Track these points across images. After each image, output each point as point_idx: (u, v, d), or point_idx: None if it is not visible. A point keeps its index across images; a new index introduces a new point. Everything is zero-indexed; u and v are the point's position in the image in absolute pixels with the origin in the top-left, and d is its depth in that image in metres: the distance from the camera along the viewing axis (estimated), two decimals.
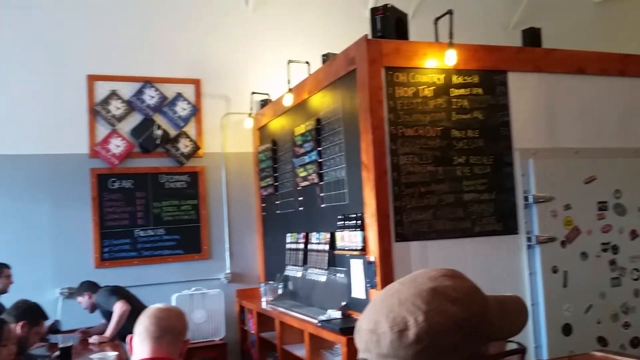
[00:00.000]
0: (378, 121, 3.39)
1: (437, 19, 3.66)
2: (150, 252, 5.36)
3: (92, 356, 3.61)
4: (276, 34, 5.77)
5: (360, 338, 0.84)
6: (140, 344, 1.87)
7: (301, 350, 3.99)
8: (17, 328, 3.05)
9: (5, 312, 3.28)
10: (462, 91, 3.63)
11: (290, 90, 4.51)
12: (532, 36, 4.11)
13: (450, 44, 3.51)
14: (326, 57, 4.18)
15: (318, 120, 4.15)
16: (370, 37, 3.52)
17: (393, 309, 0.82)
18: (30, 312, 3.19)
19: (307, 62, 4.55)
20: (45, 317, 3.37)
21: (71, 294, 4.91)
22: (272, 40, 5.73)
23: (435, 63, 3.56)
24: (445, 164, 3.53)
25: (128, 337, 1.91)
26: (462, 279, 0.87)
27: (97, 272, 5.07)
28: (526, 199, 3.68)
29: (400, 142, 3.44)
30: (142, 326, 1.88)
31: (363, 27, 3.81)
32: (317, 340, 3.76)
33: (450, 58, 3.50)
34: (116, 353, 3.68)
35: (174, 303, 4.92)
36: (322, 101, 4.12)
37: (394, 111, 3.45)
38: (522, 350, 0.87)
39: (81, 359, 3.82)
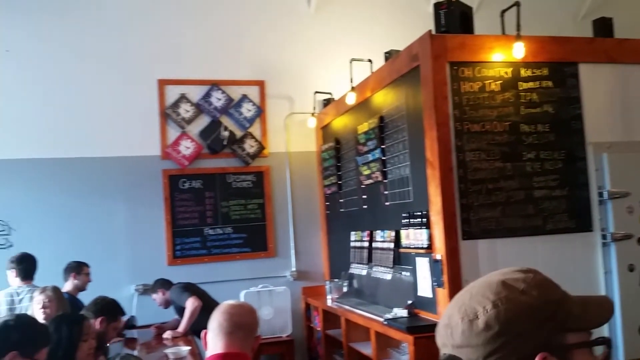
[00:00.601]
0: (443, 117, 3.34)
1: (504, 11, 3.57)
2: (219, 250, 5.51)
3: (167, 350, 3.76)
4: (338, 33, 5.80)
5: (439, 335, 0.87)
6: (214, 339, 1.94)
7: (367, 348, 4.00)
8: (96, 323, 3.20)
9: (85, 308, 3.44)
10: (531, 84, 3.52)
11: (353, 88, 4.52)
12: (603, 26, 3.94)
13: (518, 37, 3.41)
14: (389, 55, 4.16)
15: (381, 118, 4.14)
16: (434, 32, 3.48)
17: (464, 302, 0.85)
18: (109, 308, 3.34)
19: (369, 60, 4.54)
20: (122, 313, 3.53)
21: (146, 290, 5.13)
22: (334, 40, 5.76)
23: (502, 56, 3.48)
24: (514, 159, 3.44)
25: (203, 332, 1.98)
26: (535, 273, 0.88)
27: (169, 269, 5.26)
28: (600, 194, 3.54)
29: (466, 138, 3.38)
30: (216, 322, 1.94)
31: (426, 23, 3.76)
32: (383, 339, 3.76)
33: (518, 51, 3.41)
34: (189, 348, 3.81)
35: (242, 300, 5.04)
36: (385, 99, 4.11)
37: (459, 107, 3.39)
38: (606, 341, 0.85)
39: (156, 353, 3.99)
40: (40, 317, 3.09)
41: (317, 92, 5.55)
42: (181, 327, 4.38)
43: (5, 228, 5.01)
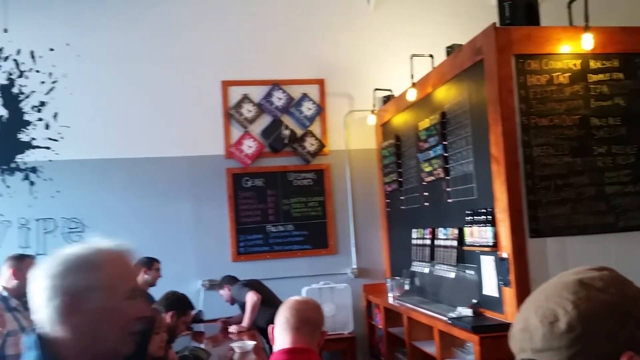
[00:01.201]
0: (508, 112, 3.27)
1: (571, 1, 3.45)
2: (280, 247, 5.60)
3: (233, 344, 3.85)
4: (398, 29, 5.76)
5: (515, 340, 0.85)
6: (281, 333, 1.98)
7: (431, 347, 3.96)
8: (167, 317, 3.31)
9: (156, 303, 3.56)
10: (601, 76, 3.39)
11: (413, 84, 4.48)
12: None
13: (586, 28, 3.29)
14: (451, 49, 4.09)
15: (443, 114, 4.08)
16: (498, 25, 3.40)
17: (541, 305, 0.83)
18: (179, 303, 3.45)
19: (430, 56, 4.49)
20: (191, 308, 3.63)
21: (212, 285, 5.28)
22: (394, 36, 5.73)
23: (570, 48, 3.36)
24: (584, 154, 3.32)
25: (270, 327, 2.03)
26: (610, 271, 0.86)
27: (234, 265, 5.39)
28: None
29: (533, 132, 3.29)
30: (283, 317, 1.98)
31: (489, 16, 3.67)
32: (447, 338, 3.71)
33: (587, 42, 3.29)
34: (254, 342, 3.89)
35: (304, 296, 5.09)
36: (447, 94, 4.05)
37: (525, 101, 3.31)
38: None
39: (222, 347, 4.09)
40: None
41: (376, 89, 5.53)
42: (245, 322, 4.48)
43: (80, 226, 5.27)
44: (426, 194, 4.48)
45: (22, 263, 3.05)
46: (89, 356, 1.12)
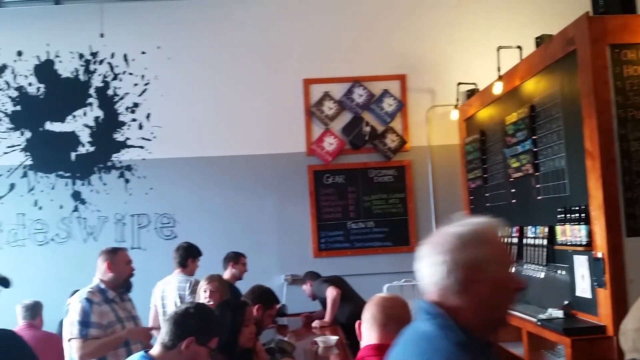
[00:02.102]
0: (604, 104, 3.10)
1: None
2: (361, 244, 5.61)
3: (316, 339, 3.91)
4: (484, 21, 5.61)
5: (627, 339, 0.82)
6: (368, 330, 1.98)
7: (518, 349, 3.84)
8: (253, 310, 3.39)
9: (243, 296, 3.67)
10: None
11: (500, 77, 4.34)
12: None
13: None
14: (540, 40, 3.93)
15: (532, 107, 3.93)
16: (591, 14, 3.24)
17: None
18: (265, 296, 3.53)
19: (518, 47, 4.34)
20: (277, 301, 3.70)
21: (294, 280, 5.37)
22: (479, 29, 5.58)
23: None
24: None
25: (357, 323, 2.03)
26: None
27: (315, 261, 5.46)
28: None
29: (630, 126, 3.11)
30: (369, 313, 1.98)
31: (581, 4, 3.51)
32: (536, 340, 3.58)
33: None
34: (337, 337, 3.93)
35: (384, 292, 5.07)
36: (536, 87, 3.89)
37: (622, 92, 3.13)
38: None
39: (305, 340, 4.15)
40: (205, 303, 3.35)
41: (460, 83, 5.41)
42: (327, 317, 4.52)
43: (171, 221, 5.52)
44: (513, 190, 4.34)
45: (115, 256, 3.18)
46: (485, 323, 1.20)
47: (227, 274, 4.54)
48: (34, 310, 4.16)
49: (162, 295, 4.18)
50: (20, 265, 5.38)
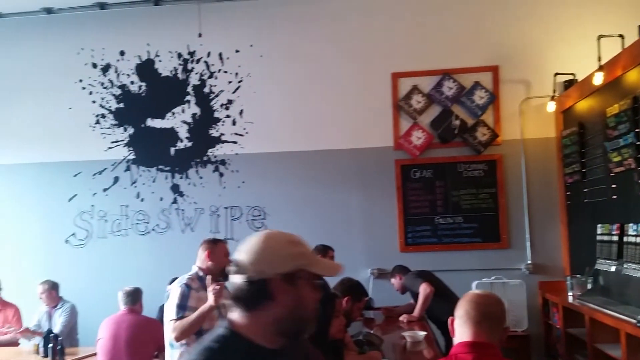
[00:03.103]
0: None
1: None
2: (449, 239, 5.53)
3: (404, 333, 3.91)
4: (583, 9, 5.33)
5: None
6: (461, 326, 1.97)
7: (616, 351, 3.67)
8: (343, 302, 3.45)
9: (333, 288, 3.73)
10: None
11: (600, 67, 4.13)
12: None
13: None
14: None
15: (635, 99, 3.72)
16: None
17: None
18: (354, 289, 3.58)
19: (620, 36, 4.10)
20: (365, 294, 3.75)
21: (380, 274, 5.39)
22: (577, 16, 5.32)
23: None
24: None
25: (449, 319, 2.03)
26: None
27: (401, 256, 5.44)
28: None
29: None
30: (463, 310, 1.97)
31: None
32: (636, 342, 3.40)
33: None
34: (425, 333, 3.91)
35: (474, 290, 4.98)
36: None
37: None
38: None
39: (392, 334, 4.17)
40: None
41: (557, 73, 5.18)
42: (416, 312, 4.51)
43: (262, 213, 5.70)
44: (614, 186, 4.12)
45: (216, 246, 3.36)
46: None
47: None
48: (134, 297, 4.42)
49: None
50: (123, 253, 5.78)
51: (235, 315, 1.31)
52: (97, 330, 4.34)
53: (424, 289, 4.47)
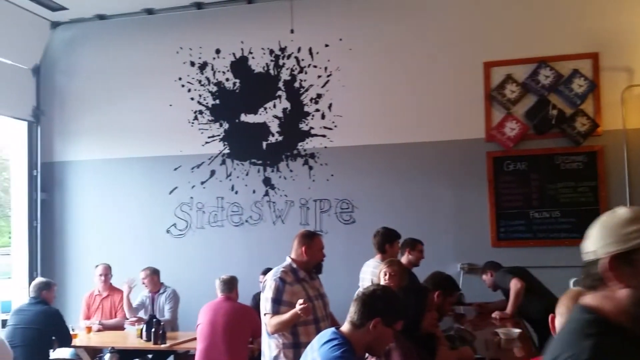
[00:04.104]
0: None
1: None
2: (545, 235, 5.33)
3: (498, 330, 3.83)
4: None
5: None
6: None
7: None
8: (434, 296, 3.42)
9: (423, 282, 3.71)
10: None
11: None
12: None
13: None
14: None
15: None
16: None
17: None
18: (446, 283, 3.54)
19: None
20: (457, 289, 3.70)
21: (470, 269, 5.29)
22: None
23: None
24: None
25: (550, 316, 1.98)
26: None
27: (493, 251, 5.31)
28: None
29: None
30: (565, 307, 1.91)
31: None
32: None
33: None
34: (519, 330, 3.81)
35: (571, 288, 4.77)
36: None
37: None
38: None
39: (483, 331, 4.09)
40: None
41: None
42: (509, 309, 4.39)
43: (350, 206, 5.76)
44: None
45: (312, 241, 3.41)
46: None
47: (403, 260, 4.57)
48: (230, 284, 4.62)
49: (361, 277, 4.39)
50: (219, 243, 6.04)
51: (589, 298, 1.25)
52: (194, 315, 4.59)
53: (514, 284, 4.35)
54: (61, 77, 6.57)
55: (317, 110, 5.89)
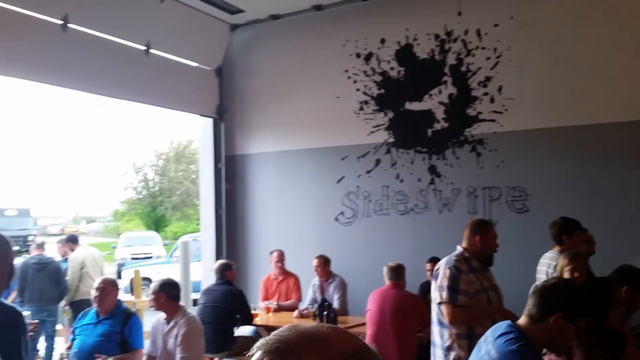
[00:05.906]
0: None
1: None
2: None
3: None
4: None
5: None
6: None
7: None
8: (620, 292, 3.11)
9: (609, 275, 3.38)
10: None
11: None
12: None
13: None
14: None
15: None
16: None
17: None
18: (635, 277, 3.19)
19: None
20: None
21: None
22: None
23: None
24: None
25: None
26: None
27: None
28: None
29: None
30: None
31: None
32: None
33: None
34: None
35: None
36: None
37: None
38: None
39: None
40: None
41: None
42: None
43: (522, 194, 5.43)
44: None
45: (487, 230, 3.29)
46: None
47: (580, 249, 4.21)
48: (398, 272, 4.63)
49: (538, 270, 4.15)
50: (385, 231, 6.09)
51: None
52: (363, 301, 4.69)
53: None
54: (240, 77, 7.09)
55: (486, 94, 5.64)
